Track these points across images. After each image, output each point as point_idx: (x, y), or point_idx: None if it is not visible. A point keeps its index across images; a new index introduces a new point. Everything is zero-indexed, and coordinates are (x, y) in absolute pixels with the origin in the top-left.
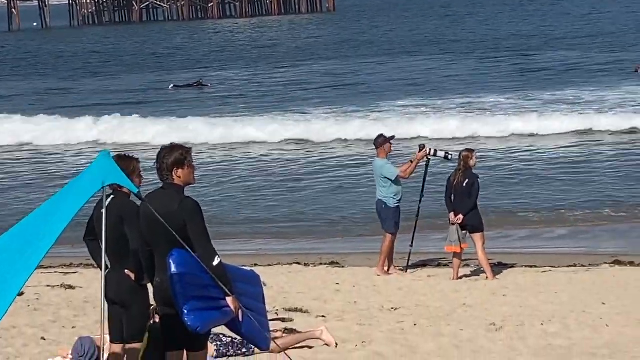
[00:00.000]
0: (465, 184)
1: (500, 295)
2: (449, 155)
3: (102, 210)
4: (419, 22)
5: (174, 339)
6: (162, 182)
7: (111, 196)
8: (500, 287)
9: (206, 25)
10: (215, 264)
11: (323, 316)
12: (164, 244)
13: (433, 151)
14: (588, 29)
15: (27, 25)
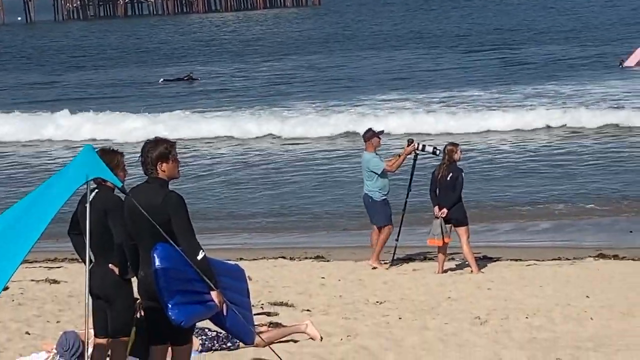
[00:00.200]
0: (449, 178)
1: (485, 288)
2: (437, 150)
3: (86, 204)
4: (403, 16)
5: (158, 333)
6: (147, 176)
7: (95, 190)
8: (485, 281)
9: (191, 20)
10: (199, 258)
11: (308, 310)
12: (148, 238)
13: (421, 146)
14: (572, 23)
15: (12, 19)
